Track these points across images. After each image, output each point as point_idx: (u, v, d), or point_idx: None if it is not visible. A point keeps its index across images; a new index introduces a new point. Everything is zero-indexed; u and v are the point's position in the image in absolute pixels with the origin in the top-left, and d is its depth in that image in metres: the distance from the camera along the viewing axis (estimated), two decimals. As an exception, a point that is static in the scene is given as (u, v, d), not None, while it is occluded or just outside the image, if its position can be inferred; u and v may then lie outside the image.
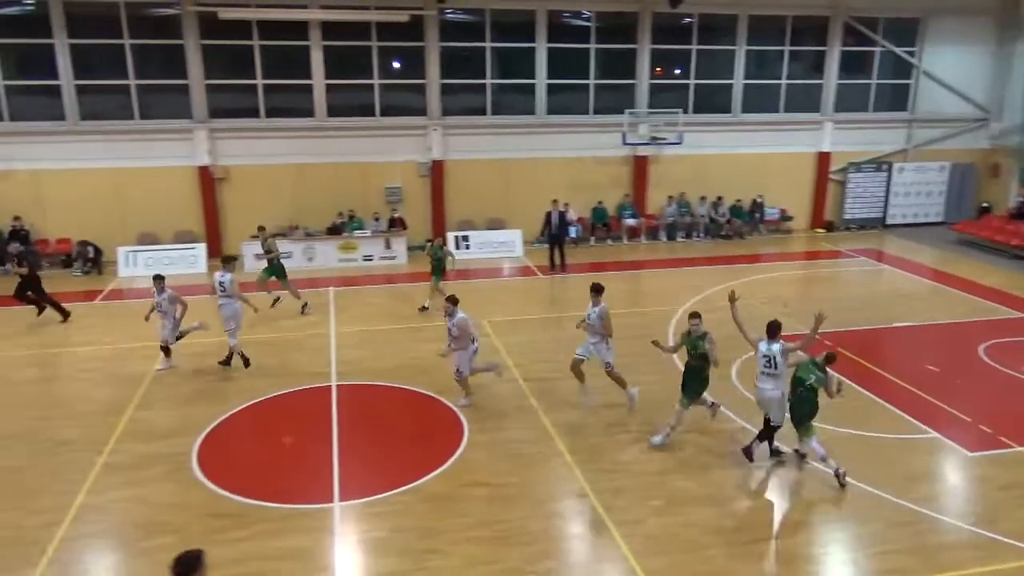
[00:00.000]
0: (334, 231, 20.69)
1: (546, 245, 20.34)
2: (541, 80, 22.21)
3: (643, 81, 22.88)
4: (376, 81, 21.24)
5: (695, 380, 10.05)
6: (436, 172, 21.86)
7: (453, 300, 11.12)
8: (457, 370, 11.29)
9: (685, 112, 22.93)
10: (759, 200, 24.07)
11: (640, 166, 23.37)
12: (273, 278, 16.28)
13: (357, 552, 8.10)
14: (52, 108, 19.49)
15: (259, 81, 20.47)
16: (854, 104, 24.58)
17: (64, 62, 19.17)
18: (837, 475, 9.07)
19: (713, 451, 10.08)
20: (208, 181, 20.40)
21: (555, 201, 19.87)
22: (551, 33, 21.93)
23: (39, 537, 8.23)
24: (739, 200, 23.86)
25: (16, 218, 19.25)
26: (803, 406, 9.22)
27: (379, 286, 18.60)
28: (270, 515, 8.66)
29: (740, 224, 23.89)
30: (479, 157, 22.04)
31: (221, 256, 13.85)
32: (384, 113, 21.52)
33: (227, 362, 12.97)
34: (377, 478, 9.40)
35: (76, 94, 19.50)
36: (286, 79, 20.75)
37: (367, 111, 21.39)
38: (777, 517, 8.75)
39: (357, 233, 20.65)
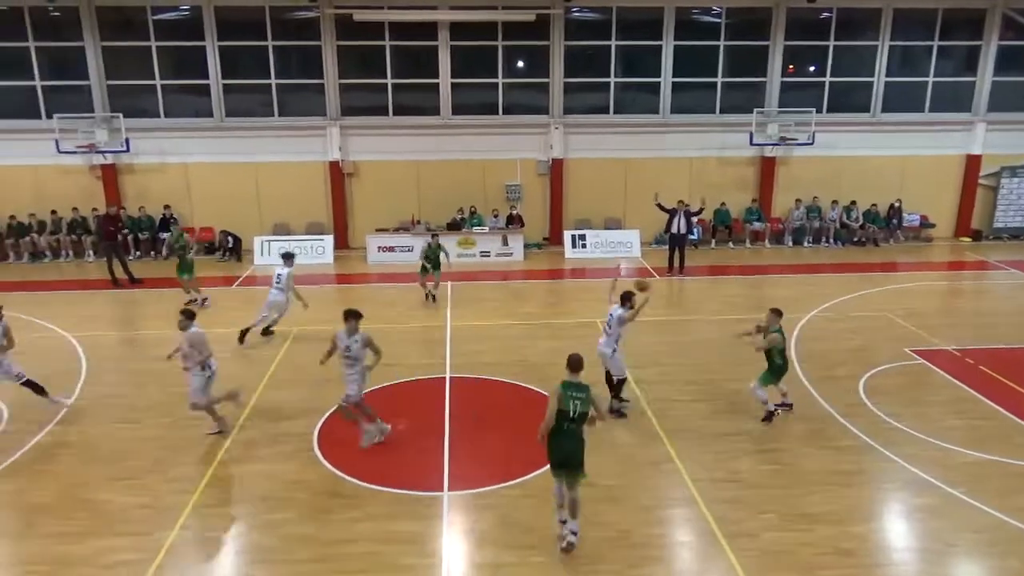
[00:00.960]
0: (454, 227, 21.14)
1: (665, 246, 19.95)
2: (666, 78, 21.79)
3: (774, 79, 22.00)
4: (500, 80, 21.52)
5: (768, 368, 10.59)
6: (556, 170, 21.90)
7: (189, 314, 10.31)
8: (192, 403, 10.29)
9: (818, 112, 21.86)
10: (897, 205, 22.60)
11: (767, 167, 22.49)
12: (430, 272, 16.82)
13: (463, 542, 8.23)
14: (201, 106, 20.98)
15: (388, 80, 21.20)
16: (1010, 103, 22.60)
17: (214, 63, 20.58)
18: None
19: (838, 468, 9.55)
20: (337, 176, 21.35)
21: (680, 202, 19.42)
22: (678, 30, 21.46)
23: (174, 503, 8.87)
24: (874, 205, 22.49)
25: (166, 207, 20.87)
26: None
27: (495, 282, 18.84)
28: (382, 498, 8.95)
29: (875, 230, 22.52)
30: (599, 156, 21.90)
31: (283, 252, 14.71)
32: (506, 111, 21.78)
33: (243, 336, 14.06)
34: (486, 471, 9.52)
35: (223, 93, 20.89)
36: (414, 78, 21.39)
37: (490, 109, 21.71)
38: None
39: (476, 229, 21.01)
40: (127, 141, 20.30)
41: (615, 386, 11.13)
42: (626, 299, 10.98)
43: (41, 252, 20.68)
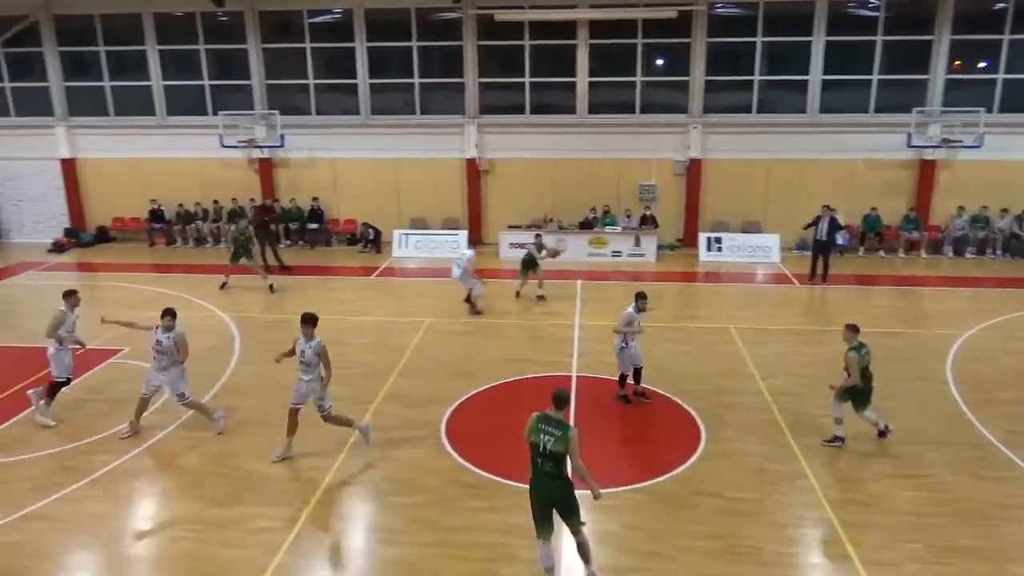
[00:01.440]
0: (586, 225, 21.07)
1: (808, 252, 18.98)
2: (815, 76, 20.71)
3: (938, 76, 20.39)
4: (638, 78, 21.22)
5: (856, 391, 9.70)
6: (693, 171, 21.35)
7: (172, 314, 10.29)
8: (181, 393, 10.29)
9: (988, 111, 20.06)
10: (1079, 216, 20.40)
11: (926, 171, 20.88)
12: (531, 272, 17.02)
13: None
14: (348, 104, 22.05)
15: (526, 79, 21.41)
16: None
17: (362, 63, 21.57)
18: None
19: (998, 501, 8.73)
20: (474, 173, 21.82)
21: (826, 207, 18.38)
22: (831, 25, 20.33)
23: (312, 478, 9.38)
24: (1052, 215, 20.41)
25: (314, 199, 22.10)
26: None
27: (625, 282, 18.60)
28: (505, 491, 9.05)
29: (1052, 243, 20.43)
30: (740, 157, 21.15)
31: (474, 239, 15.21)
32: (644, 110, 21.46)
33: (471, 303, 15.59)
34: (609, 472, 9.41)
35: (369, 92, 21.85)
36: (551, 77, 21.49)
37: (627, 108, 21.47)
38: None
39: (608, 229, 20.84)
40: (282, 137, 21.66)
41: (623, 379, 11.50)
42: (639, 298, 11.42)
43: (204, 238, 22.46)
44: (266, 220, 19.82)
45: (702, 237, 20.97)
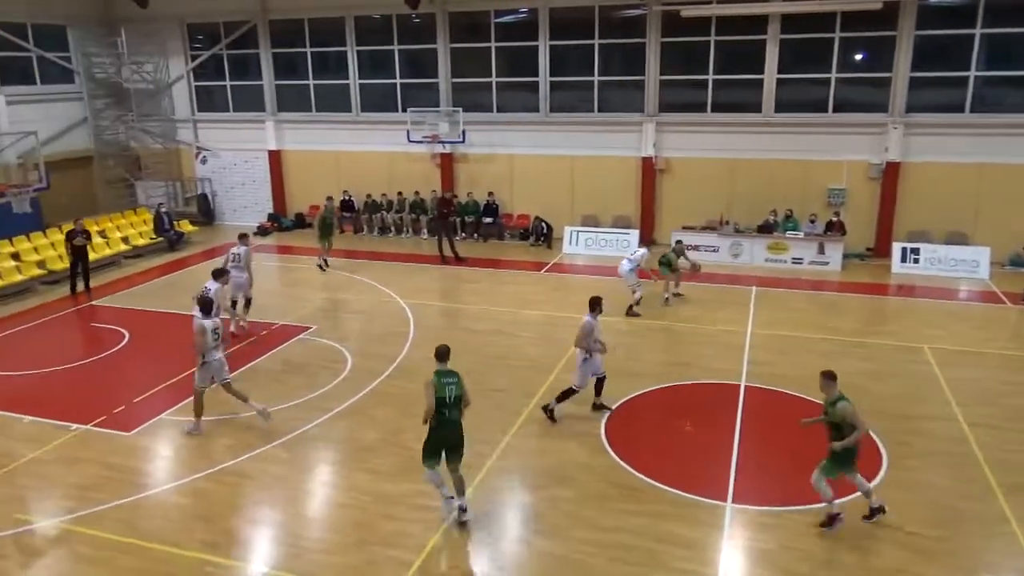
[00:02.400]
0: (765, 229, 20.07)
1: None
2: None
3: None
4: (833, 75, 19.85)
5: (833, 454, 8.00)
6: (889, 174, 19.67)
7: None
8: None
9: None
10: None
11: None
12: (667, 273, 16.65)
13: (743, 557, 7.84)
14: (528, 102, 22.46)
15: (710, 76, 20.71)
16: None
17: (544, 61, 21.87)
18: None
19: None
20: (649, 171, 21.47)
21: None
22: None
23: (472, 463, 9.63)
24: None
25: (490, 194, 22.75)
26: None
27: (805, 291, 17.53)
28: (662, 497, 8.86)
29: None
30: (946, 160, 19.19)
31: (646, 239, 15.08)
32: (837, 109, 20.05)
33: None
34: (774, 489, 8.95)
35: (549, 89, 22.13)
36: (736, 74, 20.65)
37: (817, 106, 20.15)
38: None
39: (790, 234, 19.72)
40: (464, 133, 22.48)
41: (569, 393, 10.74)
42: (594, 306, 10.65)
43: (387, 228, 23.82)
44: (445, 212, 20.66)
45: (896, 247, 19.27)
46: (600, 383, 10.93)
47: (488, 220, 22.75)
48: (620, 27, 21.35)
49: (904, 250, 19.13)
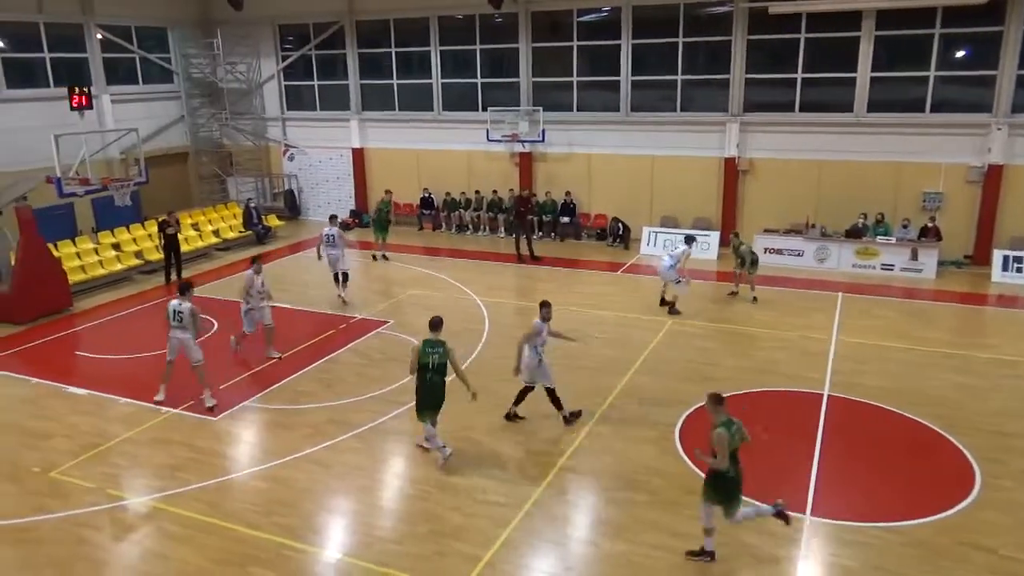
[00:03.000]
0: (853, 234, 19.28)
1: None
2: None
3: None
4: (932, 73, 18.90)
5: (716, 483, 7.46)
6: (992, 178, 18.58)
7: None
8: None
9: None
10: None
11: None
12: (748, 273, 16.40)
13: (822, 574, 7.54)
14: (609, 101, 22.26)
15: (798, 75, 20.05)
16: None
17: (625, 60, 21.64)
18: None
19: None
20: (731, 172, 20.95)
21: None
22: None
23: (542, 461, 9.67)
24: None
25: (567, 193, 22.67)
26: None
27: (895, 299, 16.76)
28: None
29: None
30: (1056, 163, 18.02)
31: (686, 236, 15.99)
32: (935, 109, 19.08)
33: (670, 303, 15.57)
34: (856, 504, 8.59)
35: (630, 88, 21.89)
36: (827, 72, 19.92)
37: (913, 106, 19.23)
38: None
39: (880, 239, 18.89)
40: (543, 132, 22.47)
41: (548, 393, 10.70)
42: (543, 307, 10.79)
43: (465, 225, 24.05)
44: (523, 211, 20.70)
45: (997, 255, 18.20)
46: (524, 393, 10.68)
47: (565, 219, 22.69)
48: (705, 25, 20.91)
49: (1006, 258, 18.06)
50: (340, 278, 16.58)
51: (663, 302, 15.78)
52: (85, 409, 11.59)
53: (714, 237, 20.65)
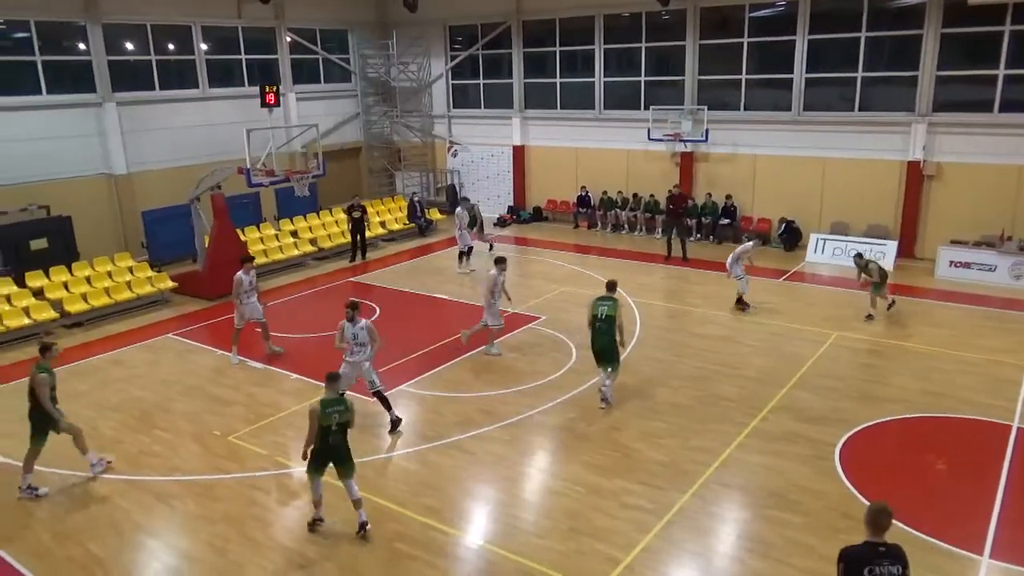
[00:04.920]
0: (1059, 249, 17.21)
1: None
2: None
3: None
4: None
5: None
6: None
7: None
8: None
9: None
10: None
11: None
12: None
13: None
14: (779, 100, 21.19)
15: (1000, 71, 18.08)
16: None
17: (800, 57, 20.50)
18: None
19: None
20: (915, 177, 19.29)
21: None
22: None
23: (689, 470, 9.39)
24: None
25: (728, 196, 21.84)
26: None
27: (1108, 325, 14.78)
28: (902, 538, 7.89)
29: None
30: None
31: (748, 234, 14.38)
32: None
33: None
34: (1048, 551, 7.65)
35: (804, 87, 20.72)
36: (1035, 68, 17.89)
37: None
38: None
39: (1090, 256, 16.74)
40: (706, 132, 21.79)
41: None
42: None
43: (620, 225, 23.82)
44: (677, 210, 20.17)
45: None
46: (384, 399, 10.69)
47: (725, 222, 21.90)
48: (892, 17, 19.41)
49: None
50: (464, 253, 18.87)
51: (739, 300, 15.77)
52: (260, 381, 12.63)
53: (891, 247, 19.13)
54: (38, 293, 16.12)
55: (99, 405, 11.85)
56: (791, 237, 20.70)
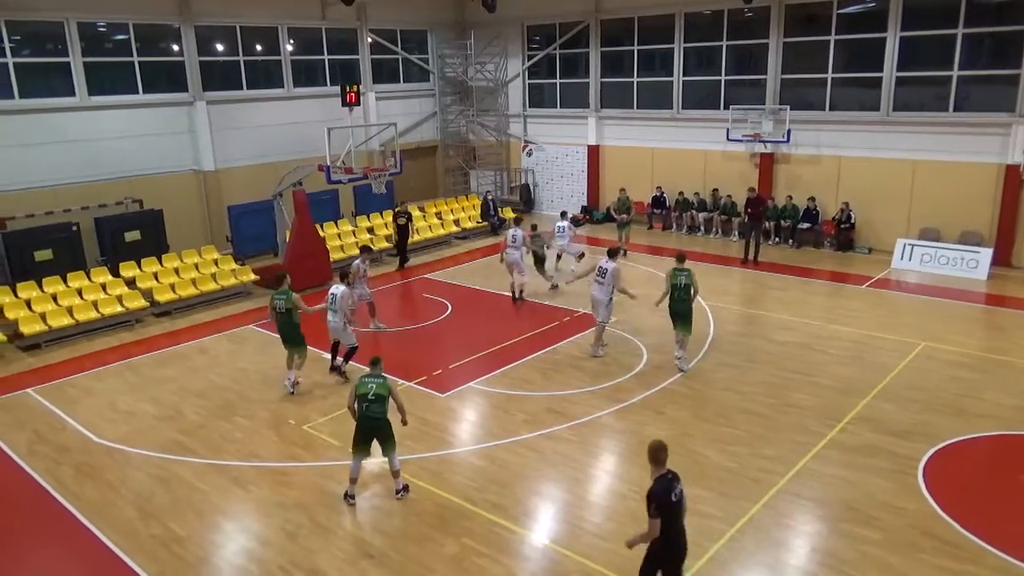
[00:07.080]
0: None
1: None
2: None
3: None
4: None
5: None
6: None
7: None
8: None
9: None
10: None
11: None
12: None
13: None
14: (866, 99, 20.37)
15: (1112, 68, 16.96)
16: None
17: (891, 55, 19.62)
18: None
19: None
20: (1013, 181, 18.24)
21: None
22: None
23: (760, 478, 9.13)
24: None
25: (811, 199, 21.12)
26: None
27: None
28: (988, 560, 7.54)
29: None
30: None
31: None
32: None
33: None
34: None
35: (894, 86, 19.86)
36: None
37: None
38: None
39: None
40: (788, 132, 21.16)
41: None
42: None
43: (696, 226, 23.37)
44: (755, 212, 19.64)
45: None
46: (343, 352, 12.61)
47: (805, 226, 21.21)
48: (992, 12, 18.41)
49: None
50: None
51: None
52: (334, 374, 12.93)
53: (985, 254, 18.11)
54: (131, 283, 16.98)
55: (185, 391, 12.37)
56: (843, 235, 20.02)
